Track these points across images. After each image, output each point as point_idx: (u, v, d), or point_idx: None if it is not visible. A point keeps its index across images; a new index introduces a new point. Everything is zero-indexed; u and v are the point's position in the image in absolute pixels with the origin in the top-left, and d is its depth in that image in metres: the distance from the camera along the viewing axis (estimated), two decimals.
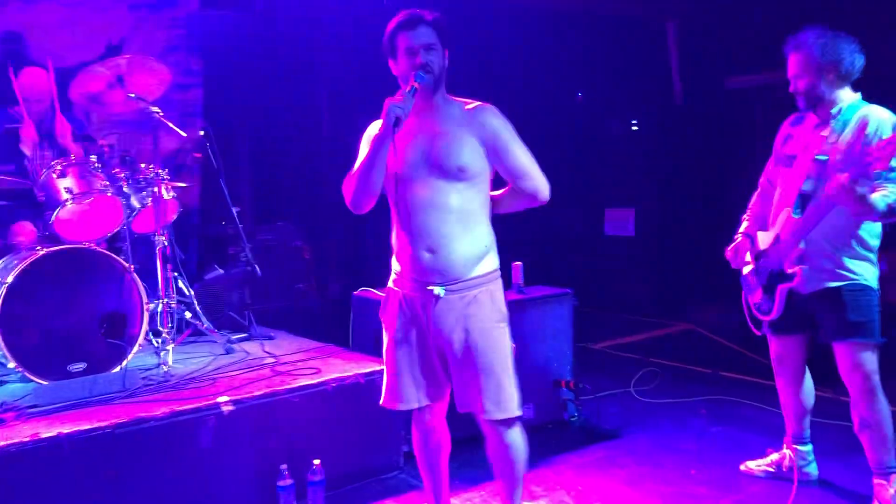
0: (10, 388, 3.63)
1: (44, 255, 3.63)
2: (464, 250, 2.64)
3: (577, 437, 4.31)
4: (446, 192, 2.63)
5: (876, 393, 3.13)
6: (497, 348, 2.69)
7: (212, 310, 4.61)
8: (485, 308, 2.68)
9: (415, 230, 2.67)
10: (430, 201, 2.64)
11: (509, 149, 2.70)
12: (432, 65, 2.64)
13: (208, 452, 3.32)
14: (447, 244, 2.63)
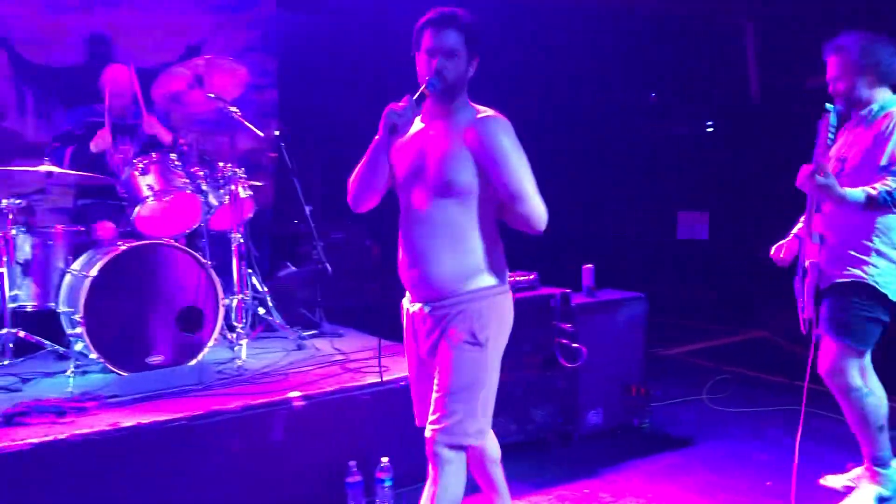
0: (91, 378, 3.77)
1: (125, 250, 3.75)
2: (446, 267, 2.48)
3: (647, 444, 4.23)
4: (434, 206, 2.49)
5: (847, 393, 3.22)
6: (463, 372, 2.47)
7: (284, 306, 4.69)
8: (463, 326, 2.48)
9: (404, 243, 2.57)
10: (419, 214, 2.52)
11: (501, 166, 2.44)
12: (448, 72, 2.46)
13: (280, 446, 3.38)
14: (428, 260, 2.49)
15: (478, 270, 2.50)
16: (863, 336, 3.18)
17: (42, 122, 5.50)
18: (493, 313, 2.53)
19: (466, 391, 2.48)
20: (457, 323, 2.48)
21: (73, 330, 3.75)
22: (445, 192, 2.46)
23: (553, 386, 4.18)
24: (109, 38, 5.69)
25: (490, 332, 2.51)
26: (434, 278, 2.49)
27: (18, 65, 5.43)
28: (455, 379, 2.48)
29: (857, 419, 3.27)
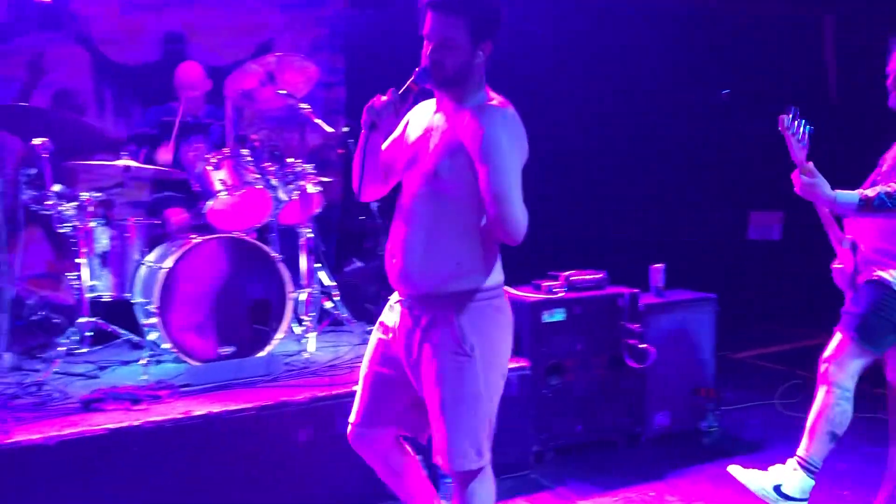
0: (165, 367, 3.87)
1: (198, 244, 3.84)
2: (424, 261, 2.29)
3: (716, 448, 4.14)
4: (421, 197, 2.32)
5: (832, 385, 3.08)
6: (450, 385, 2.27)
7: (350, 301, 4.74)
8: (446, 332, 2.28)
9: (392, 233, 2.42)
10: (406, 205, 2.37)
11: (485, 160, 2.21)
12: (443, 63, 2.25)
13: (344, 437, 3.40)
14: (409, 252, 2.32)
15: (463, 271, 2.29)
16: (872, 335, 3.04)
17: (120, 119, 5.67)
18: (481, 321, 2.30)
19: (458, 406, 2.27)
20: (438, 329, 2.29)
21: (147, 320, 3.86)
22: (433, 183, 2.29)
23: (620, 387, 4.12)
24: (184, 37, 5.83)
25: (476, 340, 2.27)
26: (413, 272, 2.31)
27: (99, 63, 5.61)
28: (444, 393, 2.28)
29: (823, 417, 3.10)
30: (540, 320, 3.94)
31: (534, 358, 3.90)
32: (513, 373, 3.77)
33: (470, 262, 2.30)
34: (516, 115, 2.31)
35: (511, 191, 2.21)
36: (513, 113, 2.30)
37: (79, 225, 3.93)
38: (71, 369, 3.82)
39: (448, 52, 2.24)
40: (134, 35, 5.68)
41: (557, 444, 3.99)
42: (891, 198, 2.87)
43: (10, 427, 3.03)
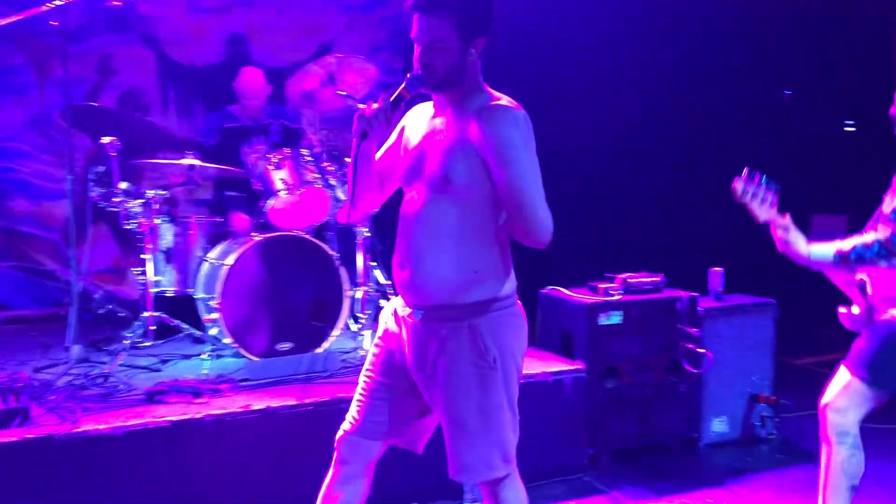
0: (225, 361, 3.95)
1: (259, 241, 3.92)
2: (439, 271, 2.19)
3: (776, 456, 4.06)
4: (430, 204, 2.21)
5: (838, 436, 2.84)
6: (471, 397, 2.18)
7: None
8: (465, 344, 2.18)
9: (399, 242, 2.30)
10: (414, 212, 2.24)
11: (502, 162, 2.12)
12: (434, 66, 2.15)
13: None
14: (418, 261, 2.21)
15: (479, 280, 2.20)
16: (882, 376, 2.81)
17: (183, 118, 5.82)
18: (501, 329, 2.22)
19: (481, 418, 2.19)
20: (456, 342, 2.19)
21: (209, 315, 3.95)
22: (444, 189, 2.17)
23: (676, 391, 4.07)
24: (246, 38, 5.95)
25: (497, 350, 2.19)
26: (428, 282, 2.20)
27: (164, 64, 5.76)
28: (468, 405, 2.18)
29: (839, 474, 2.86)
30: (596, 323, 3.91)
31: (589, 361, 3.88)
32: (567, 375, 3.77)
33: (487, 270, 2.22)
34: (526, 115, 2.22)
35: (533, 192, 2.13)
36: (523, 114, 2.21)
37: (144, 222, 4.05)
38: (135, 362, 3.93)
39: (437, 53, 2.15)
40: (198, 37, 5.81)
41: (612, 447, 3.95)
42: (868, 249, 2.64)
43: (79, 417, 3.14)
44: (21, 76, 5.38)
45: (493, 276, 2.22)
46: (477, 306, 2.19)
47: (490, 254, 2.22)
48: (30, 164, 5.42)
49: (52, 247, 5.47)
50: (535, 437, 3.65)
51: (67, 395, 3.41)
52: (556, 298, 4.21)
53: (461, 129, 2.18)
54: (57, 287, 5.39)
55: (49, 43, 5.04)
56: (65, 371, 3.76)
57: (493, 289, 2.21)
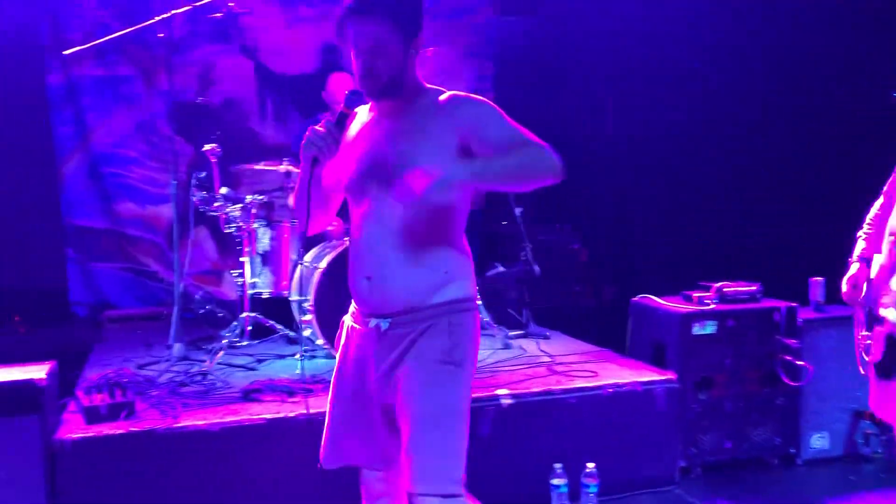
0: (317, 362, 4.05)
1: None
2: (409, 279, 2.10)
3: (881, 476, 3.86)
4: (393, 207, 2.09)
5: None
6: (437, 395, 2.07)
7: (492, 305, 4.77)
8: (434, 342, 2.10)
9: (356, 252, 2.20)
10: (373, 218, 2.13)
11: (492, 125, 2.06)
12: (377, 71, 2.06)
13: (485, 441, 3.44)
14: (386, 271, 2.11)
15: (447, 280, 2.13)
16: None
17: (280, 126, 6.00)
18: (466, 329, 2.15)
19: (446, 422, 2.07)
20: (425, 340, 2.10)
21: (303, 317, 4.06)
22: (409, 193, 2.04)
23: (773, 404, 3.93)
24: (339, 48, 6.07)
25: (463, 351, 2.12)
26: (396, 289, 2.11)
27: (261, 73, 5.95)
28: (431, 408, 2.07)
29: None
30: (689, 332, 3.82)
31: (681, 371, 3.79)
32: (658, 385, 3.69)
33: (455, 269, 2.15)
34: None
35: (527, 136, 2.06)
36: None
37: (243, 226, 4.19)
38: (232, 361, 4.07)
39: (380, 58, 2.06)
40: (294, 46, 5.99)
41: (705, 460, 3.85)
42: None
43: (179, 412, 3.28)
44: (130, 86, 5.67)
45: (461, 276, 2.17)
46: (448, 305, 2.13)
47: (456, 254, 2.16)
48: (137, 170, 5.71)
49: (156, 249, 5.73)
50: (624, 448, 3.62)
51: (169, 392, 3.57)
52: (647, 307, 4.13)
53: (424, 124, 2.09)
54: (160, 287, 5.65)
55: (155, 54, 5.29)
56: (167, 368, 3.94)
57: (461, 289, 2.16)
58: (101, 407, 3.16)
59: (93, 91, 5.59)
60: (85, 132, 5.63)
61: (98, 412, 3.16)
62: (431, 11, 6.21)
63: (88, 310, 5.66)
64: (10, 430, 2.94)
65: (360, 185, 2.17)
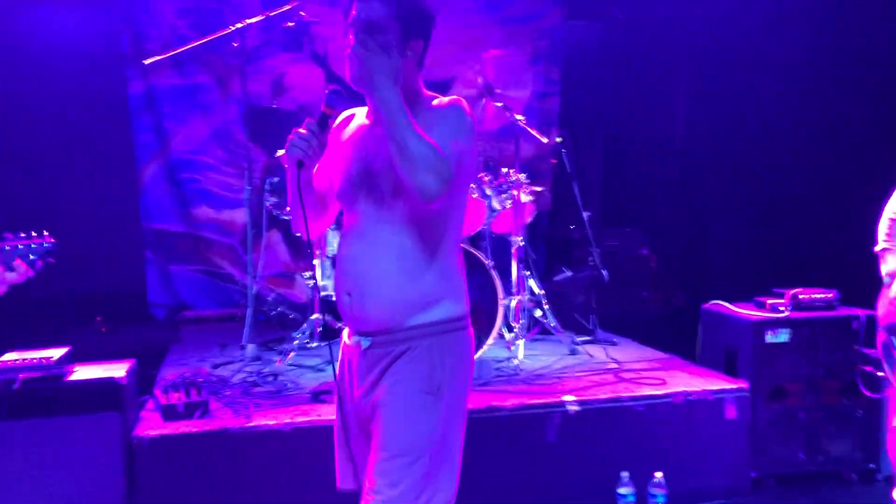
0: None
1: None
2: (390, 294, 1.99)
3: None
4: (377, 220, 2.01)
5: None
6: (406, 426, 1.97)
7: (559, 310, 4.75)
8: (413, 367, 1.99)
9: (339, 265, 2.11)
10: (358, 231, 2.05)
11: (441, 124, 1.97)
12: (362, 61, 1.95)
13: (552, 448, 3.43)
14: (367, 287, 2.01)
15: (431, 299, 2.01)
16: None
17: None
18: (448, 352, 2.02)
19: (414, 452, 1.95)
20: (401, 365, 2.00)
21: None
22: (395, 201, 1.97)
23: (851, 416, 3.80)
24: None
25: (445, 377, 1.99)
26: (374, 307, 2.01)
27: (331, 80, 6.06)
28: (399, 437, 1.97)
29: None
30: (762, 340, 3.73)
31: (753, 380, 3.70)
32: (730, 394, 3.61)
33: (442, 288, 2.03)
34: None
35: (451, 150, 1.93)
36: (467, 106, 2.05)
37: None
38: (303, 362, 4.16)
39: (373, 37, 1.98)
40: None
41: (777, 471, 3.75)
42: None
43: (251, 412, 3.37)
44: (206, 94, 5.85)
45: (449, 295, 2.04)
46: (426, 328, 2.00)
47: (443, 271, 2.03)
48: (213, 176, 5.88)
49: (231, 252, 5.89)
50: (693, 457, 3.56)
51: (242, 391, 3.67)
52: (718, 314, 4.05)
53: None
54: (235, 290, 5.81)
55: (230, 63, 5.44)
56: (240, 368, 4.05)
57: (448, 310, 2.03)
58: (177, 405, 3.28)
59: (171, 99, 5.78)
60: (163, 139, 5.83)
61: (174, 410, 3.27)
62: (500, 17, 6.23)
63: (166, 311, 5.86)
64: (92, 427, 3.07)
65: (348, 194, 2.09)
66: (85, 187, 5.71)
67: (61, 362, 3.12)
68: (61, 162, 5.63)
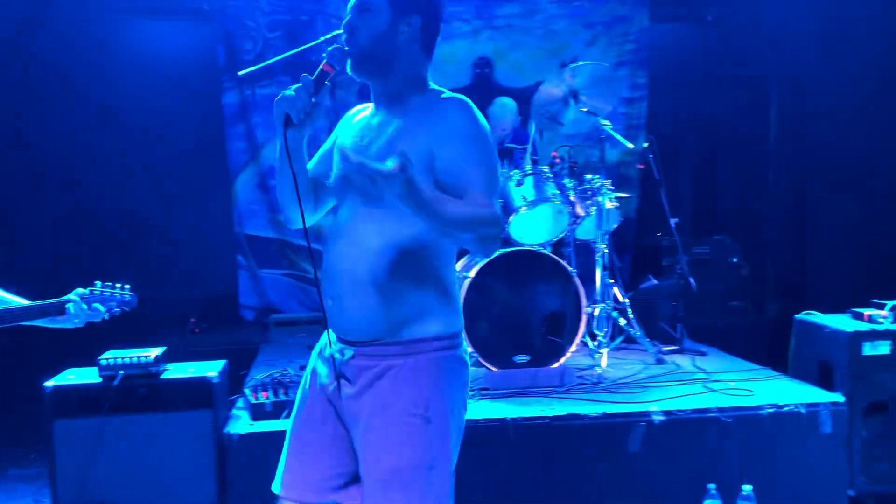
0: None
1: (500, 255, 4.04)
2: (373, 307, 1.85)
3: None
4: (368, 221, 1.87)
5: None
6: (395, 450, 1.84)
7: (644, 319, 4.67)
8: (398, 388, 1.85)
9: (325, 267, 1.96)
10: (346, 231, 1.91)
11: (457, 158, 1.82)
12: (358, 30, 1.86)
13: (636, 458, 3.37)
14: (352, 292, 1.87)
15: (421, 313, 1.86)
16: None
17: None
18: (441, 373, 1.87)
19: (404, 475, 1.83)
20: (388, 383, 1.85)
21: None
22: (385, 200, 1.72)
23: None
24: (492, 61, 6.17)
25: (434, 400, 1.85)
26: (358, 316, 1.88)
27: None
28: (387, 460, 1.84)
29: None
30: (860, 353, 3.57)
31: (850, 393, 3.54)
32: (825, 407, 3.47)
33: (435, 301, 1.88)
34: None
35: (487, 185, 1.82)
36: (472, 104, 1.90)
37: None
38: None
39: (364, 15, 1.87)
40: (448, 62, 6.14)
41: (878, 490, 3.57)
42: None
43: None
44: None
45: (440, 311, 1.89)
46: (415, 345, 1.86)
47: (437, 282, 1.89)
48: None
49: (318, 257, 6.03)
50: (785, 472, 3.44)
51: None
52: (813, 324, 3.90)
53: (412, 128, 1.87)
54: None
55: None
56: None
57: (441, 325, 1.88)
58: (265, 404, 3.37)
59: (262, 108, 5.98)
60: (255, 147, 6.04)
61: (263, 409, 3.37)
62: (585, 21, 6.19)
63: (255, 313, 6.06)
64: (186, 423, 3.20)
65: (339, 188, 1.97)
66: (183, 195, 5.98)
67: (158, 361, 3.26)
68: (161, 170, 5.91)
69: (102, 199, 5.80)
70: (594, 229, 4.39)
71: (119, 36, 5.86)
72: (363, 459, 1.89)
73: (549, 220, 4.26)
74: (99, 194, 5.79)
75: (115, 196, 5.84)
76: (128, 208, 5.88)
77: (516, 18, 6.18)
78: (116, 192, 5.84)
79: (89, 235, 5.70)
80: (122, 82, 5.80)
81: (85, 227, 5.73)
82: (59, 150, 5.70)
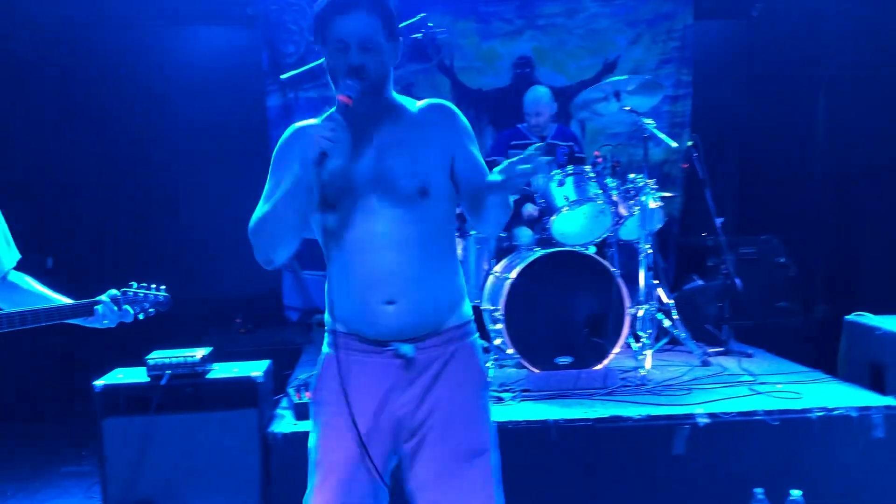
0: (507, 371, 4.11)
1: (542, 256, 4.02)
2: (435, 297, 1.98)
3: None
4: (406, 223, 1.94)
5: None
6: (484, 426, 2.01)
7: (689, 320, 4.60)
8: (466, 370, 2.01)
9: (365, 276, 1.97)
10: (385, 236, 1.94)
11: (471, 157, 2.03)
12: (367, 70, 1.92)
13: (680, 461, 3.33)
14: (413, 292, 1.95)
15: (461, 297, 2.06)
16: None
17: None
18: (481, 350, 2.09)
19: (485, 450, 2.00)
20: (461, 365, 2.00)
21: (493, 326, 4.14)
22: (418, 201, 1.94)
23: None
24: (533, 61, 6.16)
25: (486, 374, 2.08)
26: (424, 313, 1.97)
27: (457, 89, 6.16)
28: (484, 438, 2.00)
29: None
30: None
31: None
32: (877, 411, 3.39)
33: (461, 289, 2.08)
34: None
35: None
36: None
37: None
38: None
39: (370, 54, 1.93)
40: (489, 62, 6.15)
41: None
42: None
43: None
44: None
45: (464, 294, 2.09)
46: (465, 326, 2.05)
47: (458, 270, 2.09)
48: None
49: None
50: (835, 477, 3.37)
51: None
52: (863, 325, 3.82)
53: (416, 132, 2.00)
54: None
55: None
56: None
57: (468, 309, 2.09)
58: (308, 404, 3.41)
59: (305, 110, 6.03)
60: None
61: (306, 409, 3.40)
62: (628, 20, 6.13)
63: (299, 314, 6.13)
64: (232, 422, 3.25)
65: (354, 199, 1.97)
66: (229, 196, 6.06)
67: (204, 361, 3.31)
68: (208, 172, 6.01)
69: (154, 202, 5.95)
70: (637, 229, 4.34)
71: (167, 43, 6.00)
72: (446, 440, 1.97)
73: (592, 220, 4.23)
74: (150, 197, 5.94)
75: (164, 198, 5.97)
76: (178, 209, 6.01)
77: (558, 17, 6.15)
78: (167, 193, 5.97)
79: (141, 235, 5.84)
80: (170, 87, 5.93)
81: (137, 227, 5.88)
82: (110, 153, 5.85)
